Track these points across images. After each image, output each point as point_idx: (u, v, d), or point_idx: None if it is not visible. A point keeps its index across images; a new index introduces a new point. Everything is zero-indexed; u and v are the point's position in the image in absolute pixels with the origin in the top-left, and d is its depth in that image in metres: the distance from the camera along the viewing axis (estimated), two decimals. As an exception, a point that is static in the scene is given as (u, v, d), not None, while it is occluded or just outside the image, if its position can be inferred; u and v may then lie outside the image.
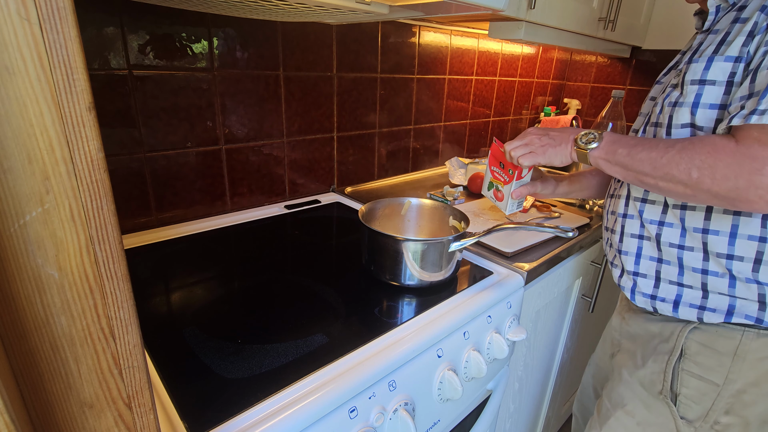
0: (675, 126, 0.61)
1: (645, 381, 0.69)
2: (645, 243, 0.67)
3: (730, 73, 0.56)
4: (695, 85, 0.58)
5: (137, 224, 0.88)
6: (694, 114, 0.58)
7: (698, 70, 0.58)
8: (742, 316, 0.59)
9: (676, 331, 0.66)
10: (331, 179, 1.21)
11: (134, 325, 0.27)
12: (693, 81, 0.58)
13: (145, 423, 0.30)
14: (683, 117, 0.60)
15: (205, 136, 0.92)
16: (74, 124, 0.22)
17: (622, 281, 0.72)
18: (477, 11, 0.85)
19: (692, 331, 0.64)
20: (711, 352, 0.62)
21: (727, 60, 0.55)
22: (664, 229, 0.64)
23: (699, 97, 0.58)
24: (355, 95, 1.18)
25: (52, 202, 0.22)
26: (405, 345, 0.58)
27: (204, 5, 0.71)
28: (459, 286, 0.74)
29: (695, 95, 0.58)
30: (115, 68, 0.77)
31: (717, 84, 0.57)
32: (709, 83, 0.57)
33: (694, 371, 0.64)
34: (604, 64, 1.78)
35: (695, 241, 0.61)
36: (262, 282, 0.72)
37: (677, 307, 0.65)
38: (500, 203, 0.81)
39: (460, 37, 1.40)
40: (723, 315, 0.60)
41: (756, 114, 0.49)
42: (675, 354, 0.65)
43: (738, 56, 0.55)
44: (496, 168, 0.81)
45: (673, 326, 0.66)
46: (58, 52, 0.21)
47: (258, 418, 0.45)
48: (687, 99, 0.59)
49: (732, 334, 0.61)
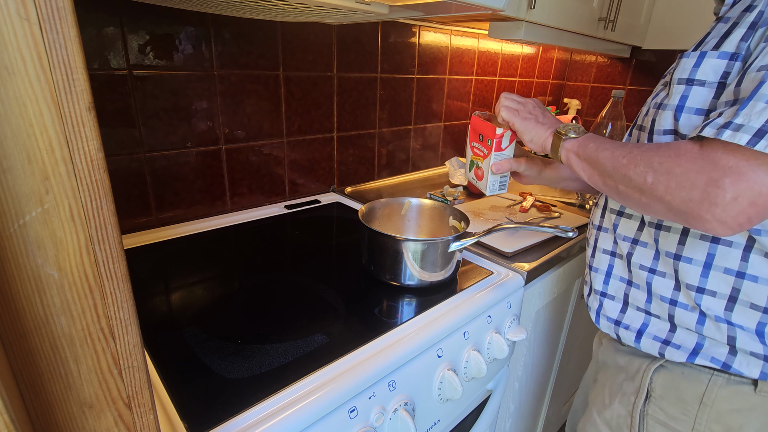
0: (657, 132, 0.53)
1: (612, 424, 0.64)
2: (616, 261, 0.61)
3: (723, 73, 0.47)
4: (682, 84, 0.50)
5: (137, 224, 0.88)
6: (678, 119, 0.50)
7: (687, 67, 0.50)
8: (707, 358, 0.52)
9: (642, 368, 0.60)
10: (331, 179, 1.21)
11: (134, 325, 0.27)
12: (680, 80, 0.51)
13: (145, 423, 0.30)
14: (666, 122, 0.52)
15: (205, 136, 0.92)
16: (74, 124, 0.22)
17: (590, 300, 0.67)
18: (477, 11, 0.85)
19: (658, 370, 0.58)
20: (676, 397, 0.56)
21: (721, 57, 0.47)
22: (637, 249, 0.58)
23: (684, 100, 0.50)
24: (355, 95, 1.18)
25: (51, 202, 0.22)
26: (405, 345, 0.58)
27: (204, 5, 0.71)
28: (459, 286, 0.74)
29: (680, 97, 0.50)
30: (115, 68, 0.77)
31: (707, 85, 0.48)
32: (697, 83, 0.49)
33: (660, 417, 0.58)
34: (604, 64, 1.78)
35: (667, 266, 0.54)
36: (262, 282, 0.72)
37: (640, 337, 0.58)
38: (481, 182, 0.75)
39: (460, 37, 1.40)
40: (687, 354, 0.54)
41: (729, 128, 0.40)
42: (641, 396, 0.59)
43: (734, 52, 0.46)
44: (475, 143, 0.75)
45: (638, 362, 0.60)
46: (58, 52, 0.21)
47: (258, 418, 0.45)
48: (671, 101, 0.51)
49: (699, 377, 0.54)
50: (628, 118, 1.51)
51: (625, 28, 1.39)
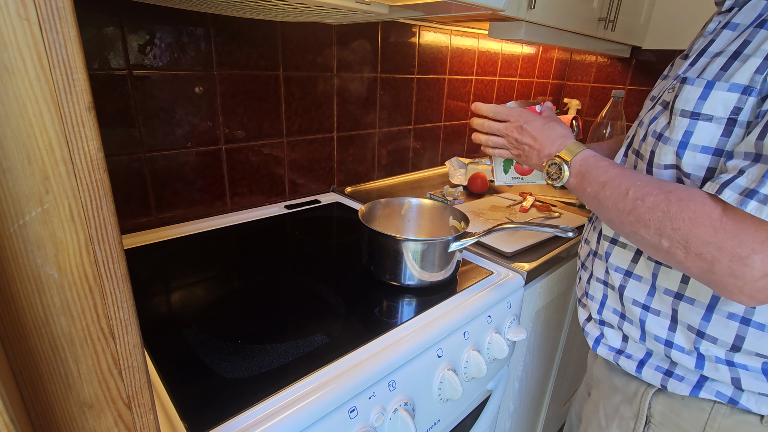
0: (657, 165, 0.48)
1: None
2: (609, 291, 0.58)
3: (734, 108, 0.41)
4: (686, 118, 0.44)
5: (137, 224, 0.88)
6: (681, 156, 0.45)
7: (692, 98, 0.44)
8: (712, 392, 0.49)
9: (640, 392, 0.56)
10: (331, 179, 1.21)
11: (134, 325, 0.27)
12: (683, 112, 0.44)
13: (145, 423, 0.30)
14: (667, 156, 0.47)
15: (205, 136, 0.92)
16: (74, 124, 0.22)
17: (588, 327, 0.63)
18: (477, 11, 0.85)
19: (657, 395, 0.54)
20: (675, 426, 0.53)
21: (732, 89, 0.41)
22: (630, 282, 0.54)
23: (689, 136, 0.44)
24: (355, 95, 1.18)
25: (51, 202, 0.22)
26: (405, 345, 0.58)
27: (204, 5, 0.71)
28: (459, 286, 0.74)
29: (684, 132, 0.44)
30: (115, 68, 0.77)
31: (714, 120, 0.42)
32: (704, 118, 0.43)
33: None
34: (604, 64, 1.78)
35: (664, 304, 0.51)
36: (262, 282, 0.72)
37: (642, 367, 0.55)
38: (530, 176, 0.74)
39: (460, 37, 1.40)
40: (690, 387, 0.50)
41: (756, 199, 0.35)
42: (640, 421, 0.56)
43: (748, 86, 0.40)
44: None
45: (636, 385, 0.57)
46: (58, 52, 0.21)
47: (258, 418, 0.45)
48: (674, 135, 0.45)
49: (700, 405, 0.50)
50: (628, 118, 1.51)
51: (625, 28, 1.39)
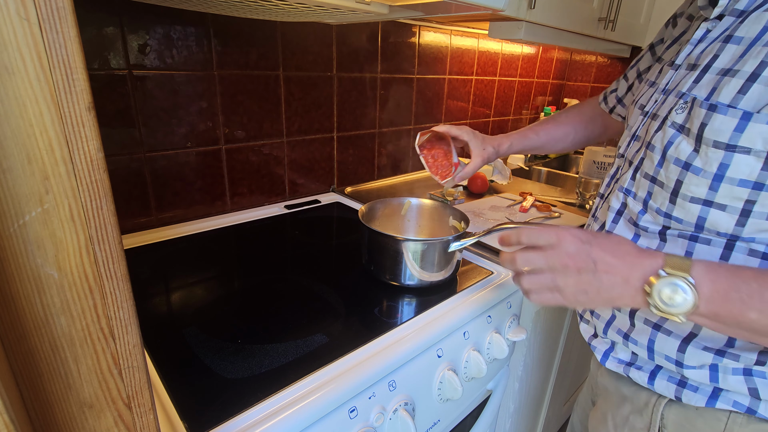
0: (683, 196, 0.45)
1: None
2: (617, 312, 0.56)
3: None
4: (720, 150, 0.42)
5: (137, 224, 0.88)
6: (715, 189, 0.43)
7: (725, 129, 0.41)
8: (729, 402, 0.47)
9: (651, 402, 0.53)
10: (331, 179, 1.21)
11: (134, 325, 0.27)
12: (718, 143, 0.42)
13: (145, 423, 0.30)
14: (699, 189, 0.44)
15: (205, 136, 0.92)
16: (74, 124, 0.22)
17: (595, 342, 0.60)
18: (477, 11, 0.85)
19: (669, 405, 0.52)
20: None
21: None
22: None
23: (725, 169, 0.42)
24: (355, 95, 1.18)
25: (51, 202, 0.22)
26: (405, 345, 0.58)
27: (204, 5, 0.71)
28: (459, 286, 0.74)
29: (719, 165, 0.42)
30: (115, 68, 0.77)
31: (753, 153, 0.40)
32: (741, 150, 0.40)
33: None
34: (604, 64, 1.77)
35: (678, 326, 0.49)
36: (262, 282, 0.72)
37: (654, 378, 0.52)
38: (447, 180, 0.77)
39: (460, 37, 1.40)
40: (706, 397, 0.48)
41: None
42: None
43: None
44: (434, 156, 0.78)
45: (647, 395, 0.54)
46: (58, 52, 0.21)
47: (258, 418, 0.45)
48: (708, 167, 0.43)
49: (716, 415, 0.48)
50: (628, 118, 1.51)
51: (625, 28, 1.39)
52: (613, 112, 0.81)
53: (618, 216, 0.55)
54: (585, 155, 1.33)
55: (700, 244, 0.46)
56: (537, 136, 0.81)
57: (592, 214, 0.64)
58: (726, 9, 0.46)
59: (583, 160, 1.35)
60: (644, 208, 0.51)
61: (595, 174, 1.29)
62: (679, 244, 0.47)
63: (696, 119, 0.44)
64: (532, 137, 0.81)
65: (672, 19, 0.67)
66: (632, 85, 0.76)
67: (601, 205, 0.61)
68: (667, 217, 0.48)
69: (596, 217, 0.61)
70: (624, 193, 0.54)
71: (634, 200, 0.52)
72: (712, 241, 0.45)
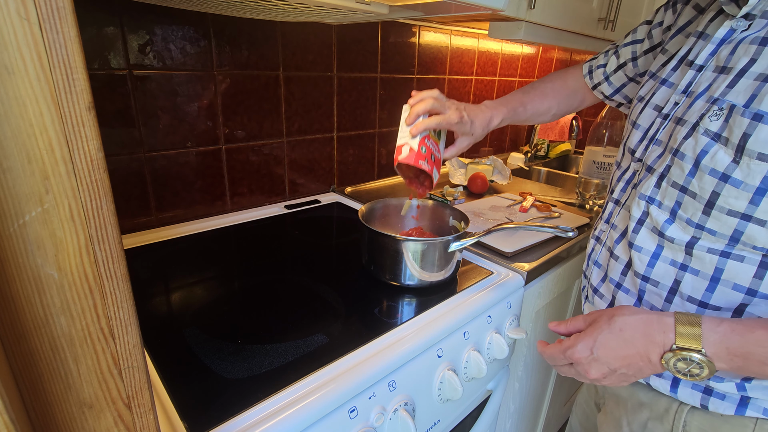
0: (720, 209, 0.43)
1: None
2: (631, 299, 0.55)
3: None
4: (765, 162, 0.40)
5: (137, 224, 0.88)
6: (757, 204, 0.41)
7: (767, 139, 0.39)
8: (759, 410, 0.45)
9: (672, 408, 0.52)
10: (331, 179, 1.21)
11: (134, 325, 0.27)
12: (763, 156, 0.40)
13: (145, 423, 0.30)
14: (738, 203, 0.42)
15: (205, 136, 0.92)
16: (74, 123, 0.22)
17: None
18: (477, 11, 0.85)
19: (692, 412, 0.50)
20: None
21: None
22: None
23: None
24: (355, 95, 1.18)
25: (51, 202, 0.22)
26: (405, 345, 0.58)
27: (204, 5, 0.71)
28: (459, 286, 0.74)
29: (763, 178, 0.40)
30: (115, 68, 0.77)
31: None
32: None
33: None
34: (604, 64, 1.77)
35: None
36: (262, 282, 0.72)
37: (676, 386, 0.50)
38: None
39: (460, 37, 1.40)
40: (734, 406, 0.47)
41: None
42: None
43: None
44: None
45: (666, 402, 0.52)
46: (58, 52, 0.21)
47: (258, 418, 0.45)
48: (749, 180, 0.41)
49: (743, 422, 0.47)
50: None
51: (625, 28, 1.39)
52: (596, 89, 0.77)
53: (639, 225, 0.52)
54: (585, 155, 1.33)
55: (732, 262, 0.44)
56: (524, 110, 0.77)
57: (605, 219, 0.61)
58: (755, 8, 0.43)
59: (582, 160, 1.35)
60: (672, 217, 0.48)
61: (595, 174, 1.29)
62: (707, 261, 0.46)
63: (737, 128, 0.41)
64: (521, 111, 0.76)
65: (672, 2, 0.63)
66: (623, 64, 0.72)
67: (618, 212, 0.58)
68: (699, 228, 0.46)
69: (614, 225, 0.58)
70: (647, 201, 0.51)
71: (659, 209, 0.50)
72: (746, 258, 0.43)
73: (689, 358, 0.41)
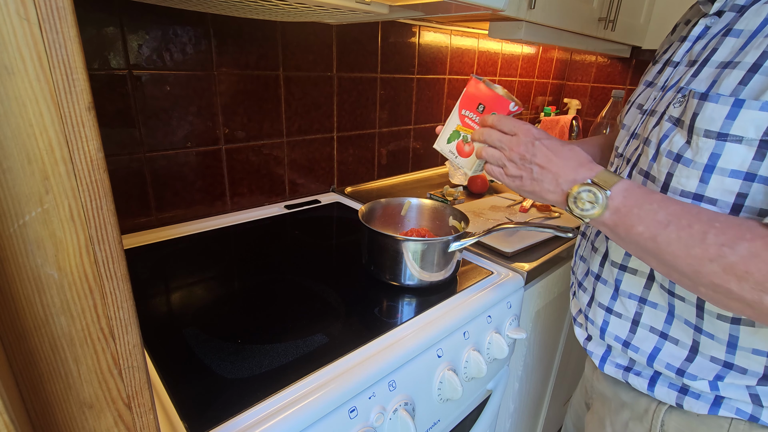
0: (674, 191, 0.44)
1: None
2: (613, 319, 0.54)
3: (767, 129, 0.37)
4: (711, 139, 0.40)
5: (137, 224, 0.88)
6: (706, 181, 0.41)
7: (717, 117, 0.40)
8: (731, 410, 0.46)
9: (651, 409, 0.53)
10: (331, 179, 1.21)
11: (134, 325, 0.27)
12: (708, 132, 0.40)
13: (145, 423, 0.30)
14: (689, 182, 0.42)
15: (205, 136, 0.92)
16: (74, 124, 0.22)
17: (590, 346, 0.59)
18: (477, 11, 0.85)
19: (670, 412, 0.51)
20: None
21: (765, 108, 0.37)
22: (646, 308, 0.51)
23: (716, 159, 0.40)
24: (355, 95, 1.18)
25: (51, 202, 0.22)
26: (405, 345, 0.58)
27: (204, 5, 0.71)
28: (459, 286, 0.74)
29: (710, 155, 0.40)
30: (115, 68, 0.77)
31: (745, 142, 0.39)
32: (732, 139, 0.39)
33: None
34: (604, 64, 1.77)
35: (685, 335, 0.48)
36: (262, 282, 0.72)
37: (654, 384, 0.52)
38: (464, 160, 0.64)
39: (460, 37, 1.40)
40: (707, 405, 0.47)
41: None
42: None
43: None
44: (470, 112, 0.63)
45: (646, 401, 0.54)
46: (58, 52, 0.21)
47: (258, 418, 0.45)
48: (698, 158, 0.41)
49: (718, 422, 0.48)
50: (628, 118, 1.51)
51: (625, 28, 1.39)
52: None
53: None
54: (585, 155, 1.33)
55: None
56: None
57: None
58: (725, 5, 0.45)
59: (583, 160, 1.34)
60: None
61: (595, 174, 1.29)
62: None
63: (689, 110, 0.43)
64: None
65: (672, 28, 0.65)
66: None
67: None
68: None
69: None
70: None
71: None
72: None
73: (593, 192, 0.44)
